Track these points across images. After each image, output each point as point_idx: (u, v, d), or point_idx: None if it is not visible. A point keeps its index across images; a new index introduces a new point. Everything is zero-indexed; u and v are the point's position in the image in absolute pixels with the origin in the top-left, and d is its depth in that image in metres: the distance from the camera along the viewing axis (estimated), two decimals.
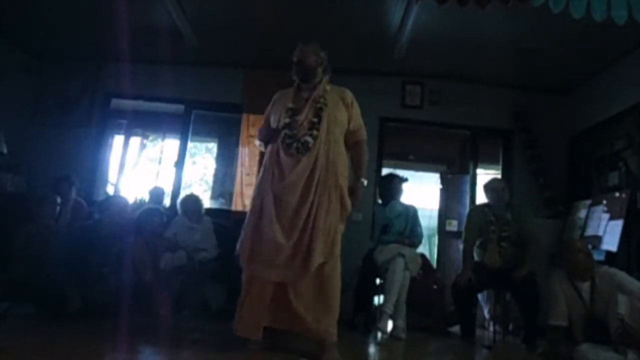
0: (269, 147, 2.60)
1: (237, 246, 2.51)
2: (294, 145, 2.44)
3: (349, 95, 2.64)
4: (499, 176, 5.00)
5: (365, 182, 2.63)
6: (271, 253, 2.36)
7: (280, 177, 2.45)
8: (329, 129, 2.48)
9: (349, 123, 2.58)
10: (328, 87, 2.61)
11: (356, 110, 2.64)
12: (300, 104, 2.56)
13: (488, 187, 3.81)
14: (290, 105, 2.56)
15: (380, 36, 4.30)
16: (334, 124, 2.50)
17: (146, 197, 4.85)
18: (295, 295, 2.36)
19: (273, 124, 2.60)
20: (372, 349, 3.13)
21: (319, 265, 2.35)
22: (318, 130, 2.46)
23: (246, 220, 2.53)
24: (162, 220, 3.87)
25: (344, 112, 2.56)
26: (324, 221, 2.37)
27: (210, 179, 7.63)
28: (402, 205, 3.85)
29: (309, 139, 2.43)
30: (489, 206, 3.76)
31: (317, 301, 2.37)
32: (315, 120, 2.48)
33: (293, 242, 2.35)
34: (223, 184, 6.44)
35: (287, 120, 2.51)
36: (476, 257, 3.71)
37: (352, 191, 2.53)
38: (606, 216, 3.95)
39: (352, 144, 2.64)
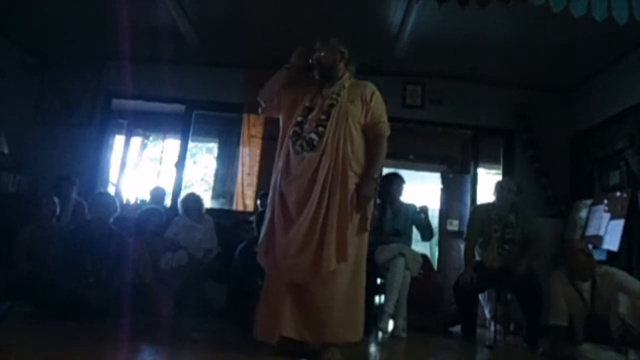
0: (281, 146, 2.56)
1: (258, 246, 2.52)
2: (299, 142, 2.43)
3: (369, 89, 2.55)
4: (500, 176, 4.99)
5: (375, 181, 2.50)
6: (280, 252, 2.34)
7: (287, 174, 2.45)
8: (339, 125, 2.42)
9: (365, 117, 2.49)
10: (347, 84, 2.55)
11: (376, 104, 2.53)
12: (316, 101, 2.53)
13: (496, 185, 3.80)
14: (307, 104, 2.54)
15: (380, 35, 4.30)
16: (345, 119, 2.43)
17: (147, 197, 4.87)
18: (309, 298, 2.32)
19: (287, 121, 2.57)
20: (372, 349, 3.13)
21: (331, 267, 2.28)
22: (325, 127, 2.41)
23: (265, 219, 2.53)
24: (162, 220, 3.87)
25: (359, 107, 2.48)
26: (335, 221, 2.30)
27: (211, 179, 7.64)
28: (402, 204, 3.84)
29: (313, 135, 2.41)
30: (494, 205, 3.75)
31: (332, 305, 2.32)
32: (323, 117, 2.44)
33: (298, 241, 2.29)
34: (224, 183, 6.45)
35: (300, 119, 2.50)
36: (477, 257, 3.70)
37: (359, 191, 2.40)
38: (607, 216, 3.95)
39: (370, 138, 2.53)
